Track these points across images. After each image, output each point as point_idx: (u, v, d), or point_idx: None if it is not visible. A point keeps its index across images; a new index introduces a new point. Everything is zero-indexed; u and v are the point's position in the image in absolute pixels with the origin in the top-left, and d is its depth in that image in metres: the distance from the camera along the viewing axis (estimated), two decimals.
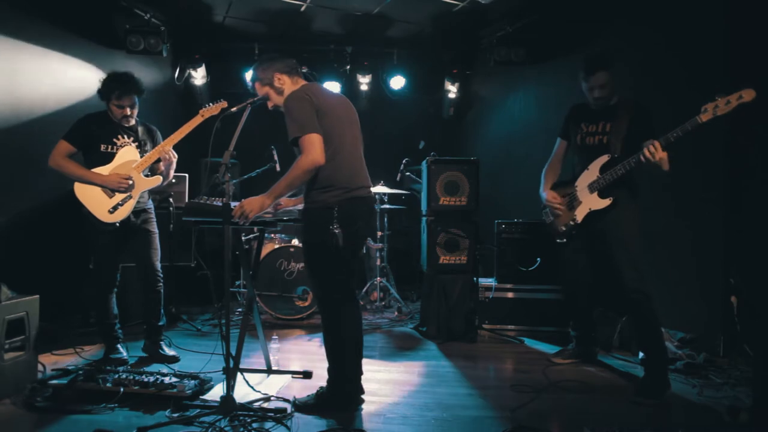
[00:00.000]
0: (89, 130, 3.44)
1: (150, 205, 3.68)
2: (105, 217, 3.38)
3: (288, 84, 2.81)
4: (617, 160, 3.11)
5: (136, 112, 3.55)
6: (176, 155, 3.57)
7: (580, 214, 3.32)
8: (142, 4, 5.17)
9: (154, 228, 3.66)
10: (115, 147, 3.49)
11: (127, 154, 3.49)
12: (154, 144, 3.66)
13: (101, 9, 5.03)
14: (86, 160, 3.46)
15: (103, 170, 3.42)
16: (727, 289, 3.63)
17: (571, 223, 3.38)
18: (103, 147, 3.46)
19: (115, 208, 3.40)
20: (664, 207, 4.00)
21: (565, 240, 3.48)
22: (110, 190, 3.40)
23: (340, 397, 2.75)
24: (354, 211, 2.67)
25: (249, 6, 5.42)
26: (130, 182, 3.42)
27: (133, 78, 3.49)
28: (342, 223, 2.59)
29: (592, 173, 3.25)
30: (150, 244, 3.61)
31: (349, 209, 2.63)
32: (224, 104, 3.56)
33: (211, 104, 3.58)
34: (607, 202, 3.19)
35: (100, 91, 3.47)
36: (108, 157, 3.46)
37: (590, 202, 3.26)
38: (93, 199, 3.39)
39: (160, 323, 3.65)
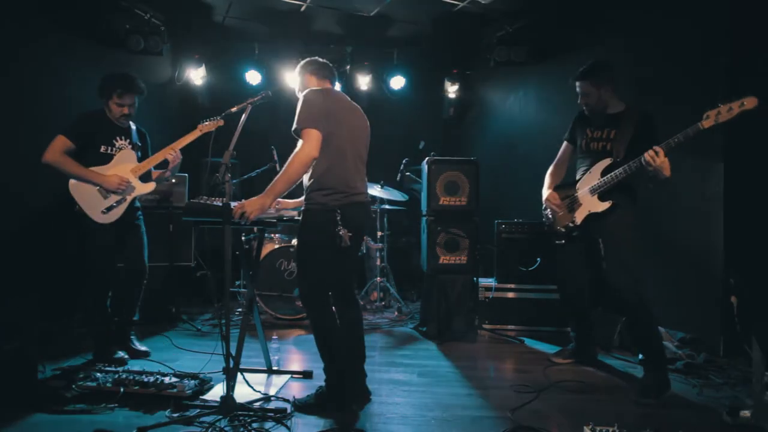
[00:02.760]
0: (90, 128, 3.44)
1: (138, 204, 3.69)
2: (98, 217, 3.39)
3: (314, 84, 2.95)
4: (619, 164, 3.13)
5: (134, 112, 3.56)
6: (181, 156, 3.59)
7: (579, 215, 3.34)
8: (142, 4, 5.17)
9: (142, 224, 3.70)
10: (113, 148, 3.49)
11: (125, 156, 3.51)
12: (146, 148, 3.70)
13: (101, 9, 5.03)
14: (83, 159, 3.41)
15: (101, 170, 3.41)
16: (727, 289, 3.63)
17: (570, 224, 3.39)
18: (102, 148, 3.46)
19: (108, 209, 3.40)
20: (664, 207, 4.00)
21: (563, 241, 3.49)
22: (106, 191, 3.39)
23: (339, 397, 2.75)
24: (355, 214, 2.71)
25: (249, 6, 5.41)
26: (131, 184, 3.43)
27: (135, 78, 3.51)
28: (346, 225, 2.62)
29: (593, 176, 3.27)
30: (140, 239, 3.64)
31: (350, 212, 2.67)
32: (221, 123, 3.40)
33: (209, 120, 3.46)
34: (606, 205, 3.20)
35: (100, 88, 3.48)
36: (106, 159, 3.46)
37: (590, 205, 3.28)
38: (87, 199, 3.38)
39: (135, 318, 3.70)
